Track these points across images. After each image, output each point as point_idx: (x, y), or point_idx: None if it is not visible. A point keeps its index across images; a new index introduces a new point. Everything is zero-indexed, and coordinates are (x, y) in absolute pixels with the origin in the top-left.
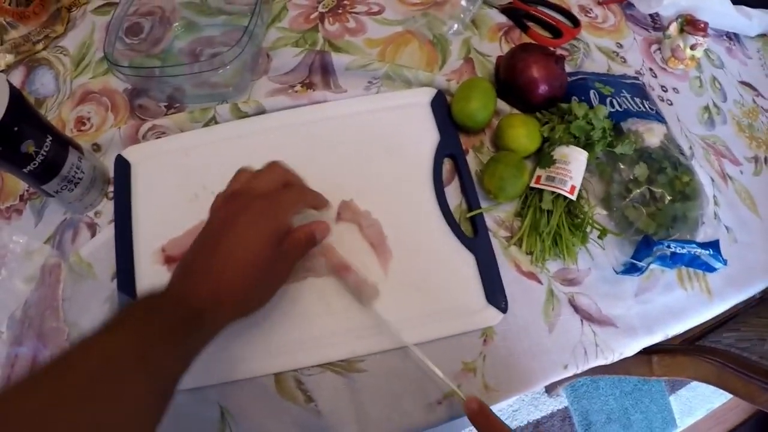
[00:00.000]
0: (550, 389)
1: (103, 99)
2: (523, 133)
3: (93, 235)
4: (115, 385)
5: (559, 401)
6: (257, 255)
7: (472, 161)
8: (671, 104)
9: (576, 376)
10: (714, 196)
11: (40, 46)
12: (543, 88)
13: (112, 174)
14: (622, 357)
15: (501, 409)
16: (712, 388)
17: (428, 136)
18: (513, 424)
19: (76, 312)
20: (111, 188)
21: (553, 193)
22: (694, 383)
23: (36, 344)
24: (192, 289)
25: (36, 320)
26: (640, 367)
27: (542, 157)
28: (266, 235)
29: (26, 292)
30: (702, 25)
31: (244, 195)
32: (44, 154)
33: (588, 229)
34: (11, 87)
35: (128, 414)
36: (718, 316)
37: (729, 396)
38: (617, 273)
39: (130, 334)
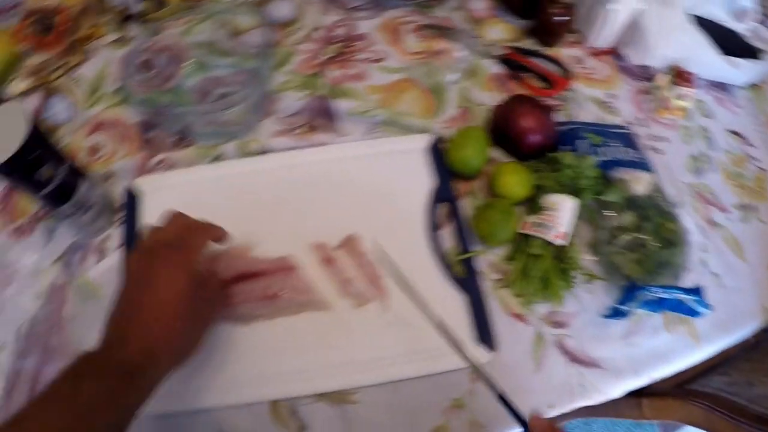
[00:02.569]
0: None
1: (115, 130)
2: (515, 181)
3: (100, 258)
4: None
5: None
6: (179, 302)
7: (467, 206)
8: (661, 153)
9: (566, 416)
10: (702, 243)
11: (56, 74)
12: (533, 138)
13: (120, 202)
14: (608, 398)
15: None
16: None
17: (423, 180)
18: None
19: (81, 330)
20: (119, 216)
21: (541, 238)
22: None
23: (41, 359)
24: (124, 350)
25: (42, 336)
26: (631, 409)
27: (532, 204)
28: (183, 281)
29: (34, 309)
30: (689, 77)
31: (153, 248)
32: (59, 179)
33: (576, 274)
34: (30, 117)
35: None
36: (709, 360)
37: None
38: (601, 317)
39: (61, 409)
